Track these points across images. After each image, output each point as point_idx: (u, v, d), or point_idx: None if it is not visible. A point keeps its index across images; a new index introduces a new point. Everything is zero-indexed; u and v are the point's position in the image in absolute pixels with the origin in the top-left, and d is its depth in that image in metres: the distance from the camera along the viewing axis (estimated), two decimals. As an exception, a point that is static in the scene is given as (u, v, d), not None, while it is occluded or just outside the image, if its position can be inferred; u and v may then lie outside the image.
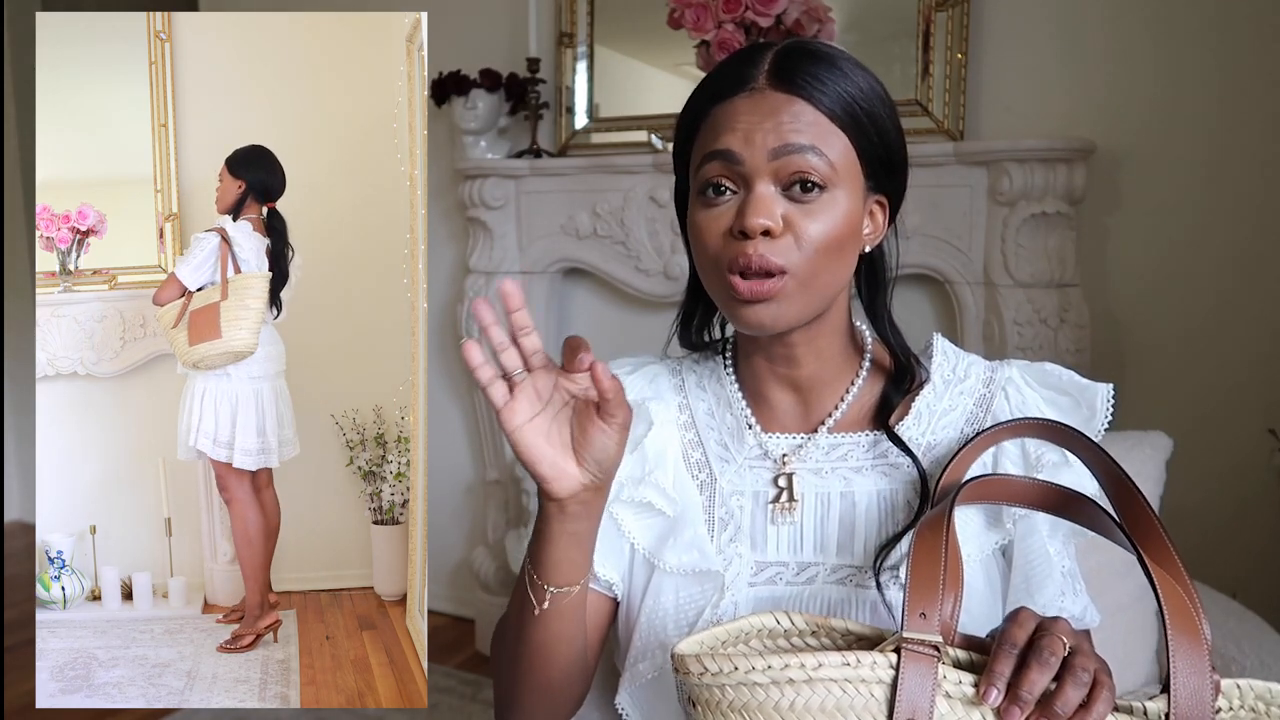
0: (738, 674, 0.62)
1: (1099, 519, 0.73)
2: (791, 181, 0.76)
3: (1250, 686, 0.66)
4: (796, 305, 0.78)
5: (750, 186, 0.77)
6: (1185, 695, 0.62)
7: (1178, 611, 0.64)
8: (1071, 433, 0.79)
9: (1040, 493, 0.77)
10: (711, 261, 0.79)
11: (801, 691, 0.62)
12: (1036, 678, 0.61)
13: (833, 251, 0.78)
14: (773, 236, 0.76)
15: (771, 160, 0.76)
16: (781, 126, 0.76)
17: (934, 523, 0.69)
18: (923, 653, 0.62)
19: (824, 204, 0.77)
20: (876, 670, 0.62)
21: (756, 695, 0.62)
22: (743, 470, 0.88)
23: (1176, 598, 0.65)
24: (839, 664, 0.62)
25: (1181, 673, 0.63)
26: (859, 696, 0.62)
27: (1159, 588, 0.65)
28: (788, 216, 0.76)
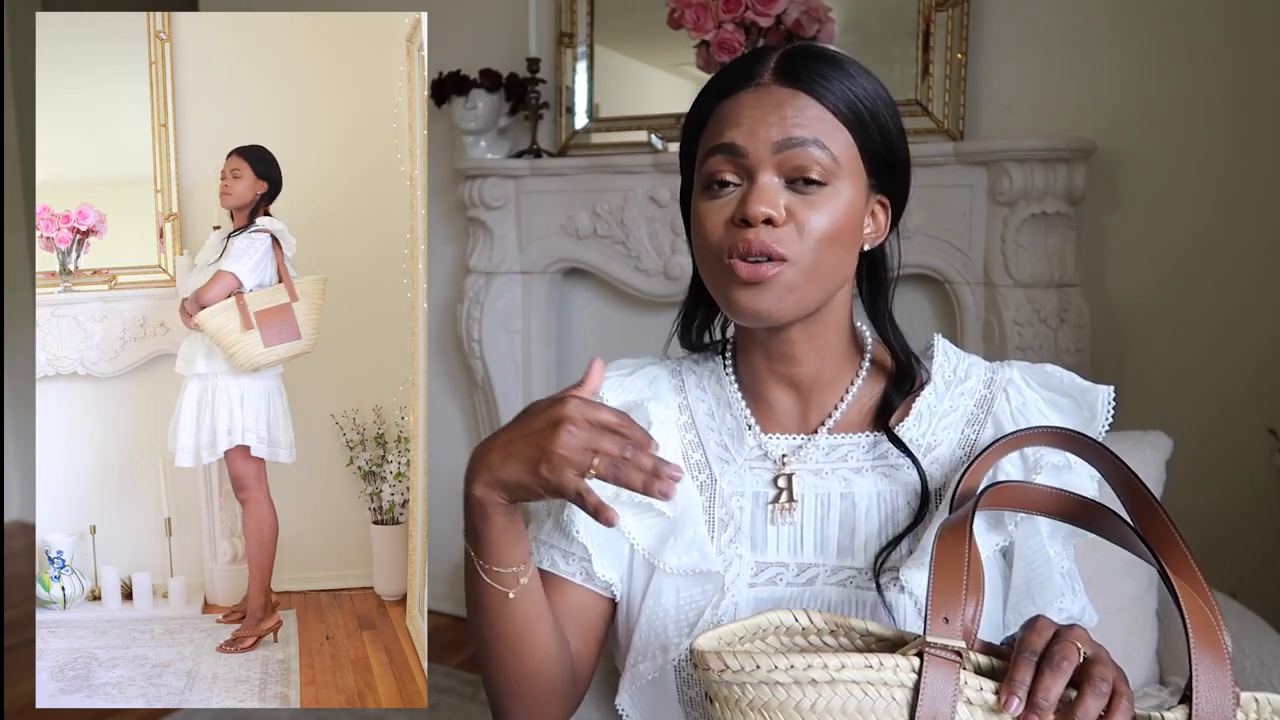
0: (759, 672, 0.62)
1: (1120, 530, 0.72)
2: (795, 175, 0.77)
3: (1269, 700, 0.66)
4: (795, 296, 0.78)
5: (753, 178, 0.78)
6: (1207, 709, 0.62)
7: (1200, 624, 0.64)
8: (1088, 442, 0.78)
9: (1060, 502, 0.76)
10: (713, 249, 0.79)
11: (823, 693, 0.62)
12: (1051, 684, 0.61)
13: (834, 243, 0.78)
14: (775, 225, 0.76)
15: (775, 153, 0.77)
16: (786, 120, 0.77)
17: (956, 527, 0.69)
18: (945, 658, 0.62)
19: (826, 196, 0.78)
20: (899, 674, 0.62)
21: (778, 695, 0.62)
22: (743, 471, 0.88)
23: (1198, 610, 0.65)
24: (861, 666, 0.62)
25: (1204, 686, 0.62)
26: (880, 700, 0.62)
27: (1181, 600, 0.64)
28: (790, 207, 0.77)
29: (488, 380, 2.59)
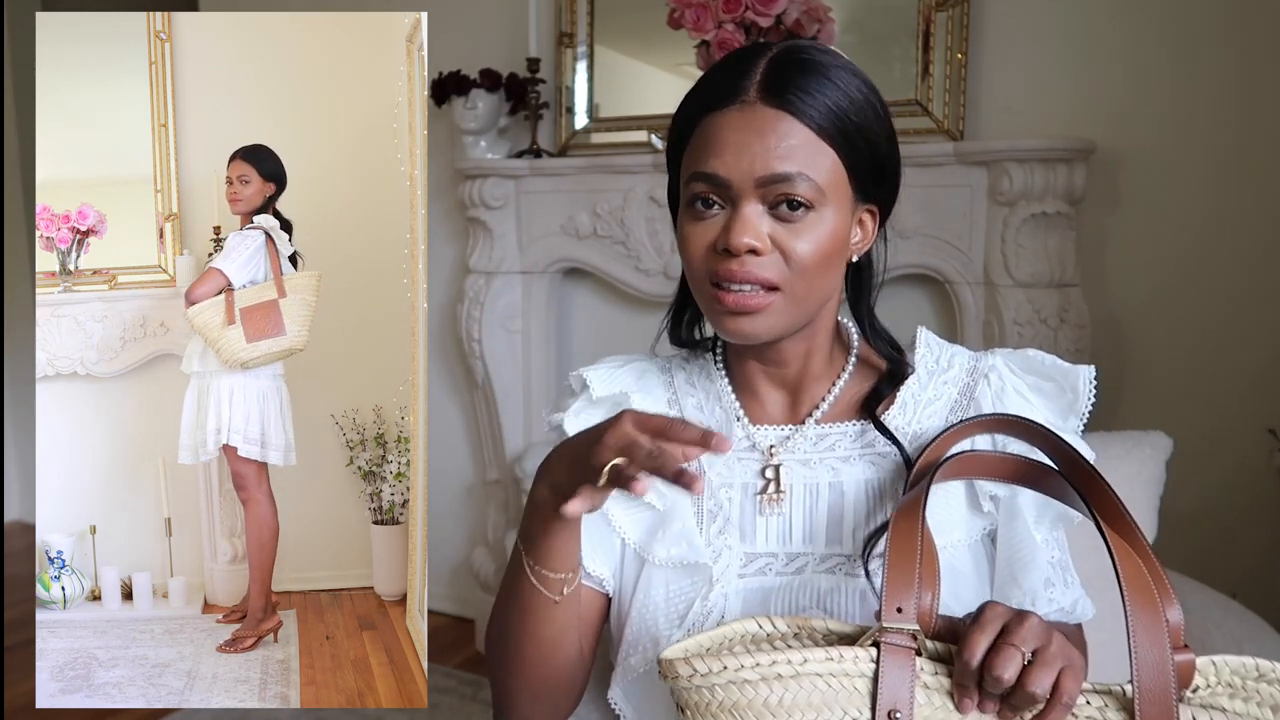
0: (727, 673, 0.63)
1: (1062, 488, 0.75)
2: (778, 201, 0.77)
3: (1225, 662, 0.67)
4: (785, 319, 0.80)
5: (736, 205, 0.78)
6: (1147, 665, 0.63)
7: (1135, 582, 0.65)
8: (1033, 427, 0.80)
9: (1005, 465, 0.79)
10: (698, 274, 0.81)
11: (789, 687, 0.63)
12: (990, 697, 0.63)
13: (820, 268, 0.79)
14: (758, 255, 0.77)
15: (758, 187, 0.77)
16: (769, 152, 0.76)
17: (908, 511, 0.71)
18: (900, 645, 0.65)
19: (810, 223, 0.78)
20: (859, 664, 0.65)
21: (746, 693, 0.63)
22: (731, 463, 0.89)
23: (1133, 566, 0.66)
24: (823, 659, 0.64)
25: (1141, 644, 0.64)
26: (843, 690, 0.64)
27: (1115, 555, 0.66)
28: (774, 235, 0.78)
29: (488, 380, 2.59)
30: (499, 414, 2.60)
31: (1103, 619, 0.88)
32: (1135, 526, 0.70)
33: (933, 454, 0.80)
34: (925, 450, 0.81)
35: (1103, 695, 0.65)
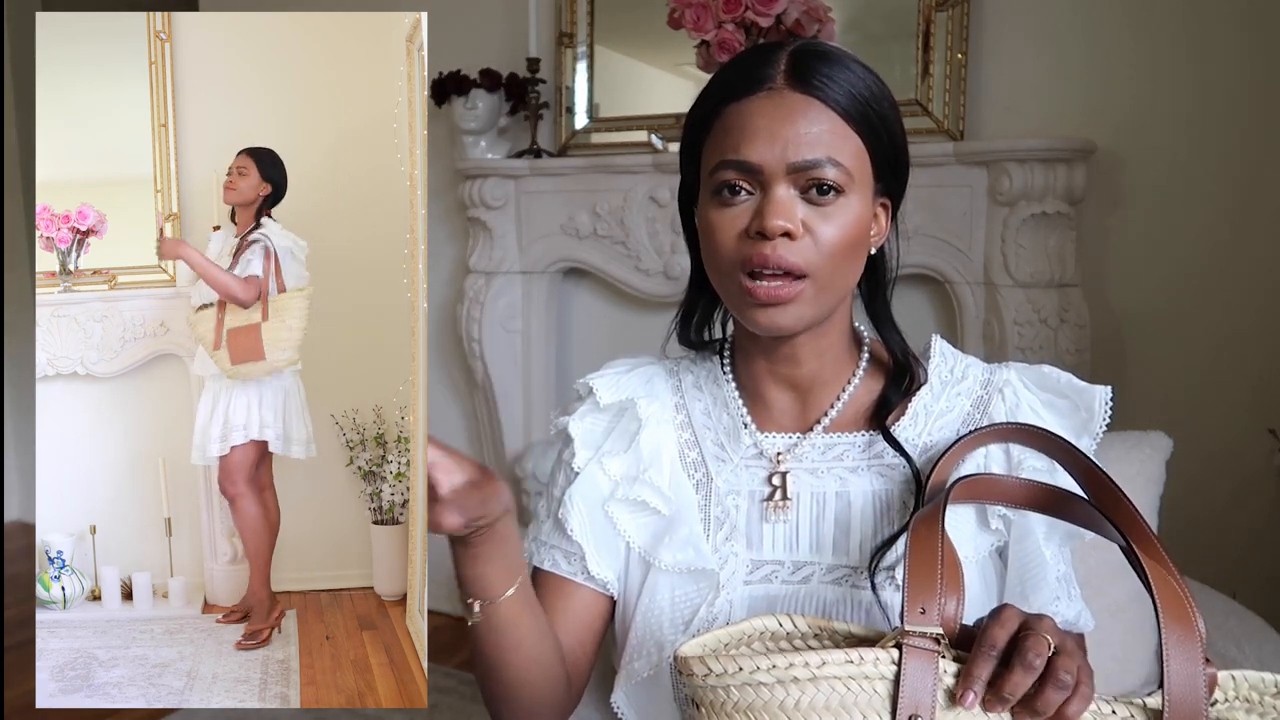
0: (743, 674, 0.62)
1: (1089, 514, 0.73)
2: (809, 185, 0.77)
3: (1245, 677, 0.66)
4: (813, 308, 0.79)
5: (768, 189, 0.77)
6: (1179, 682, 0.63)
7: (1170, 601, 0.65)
8: (1051, 437, 0.79)
9: (1028, 491, 0.77)
10: (726, 263, 0.79)
11: (806, 690, 0.62)
12: (1020, 679, 0.60)
13: (847, 254, 0.79)
14: (792, 239, 0.77)
15: (790, 173, 0.77)
16: (800, 136, 0.77)
17: (928, 519, 0.70)
18: (923, 647, 0.63)
19: (839, 207, 0.78)
20: (879, 666, 0.62)
21: (761, 695, 0.62)
22: (739, 469, 0.88)
23: (1168, 588, 0.66)
24: (842, 661, 0.62)
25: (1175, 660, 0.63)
26: (863, 693, 0.62)
27: (1151, 577, 0.66)
28: (805, 220, 0.77)
29: (488, 380, 2.58)
30: (499, 414, 2.60)
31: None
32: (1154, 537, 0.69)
33: (946, 464, 0.79)
34: (937, 463, 0.80)
35: (1127, 705, 0.64)
